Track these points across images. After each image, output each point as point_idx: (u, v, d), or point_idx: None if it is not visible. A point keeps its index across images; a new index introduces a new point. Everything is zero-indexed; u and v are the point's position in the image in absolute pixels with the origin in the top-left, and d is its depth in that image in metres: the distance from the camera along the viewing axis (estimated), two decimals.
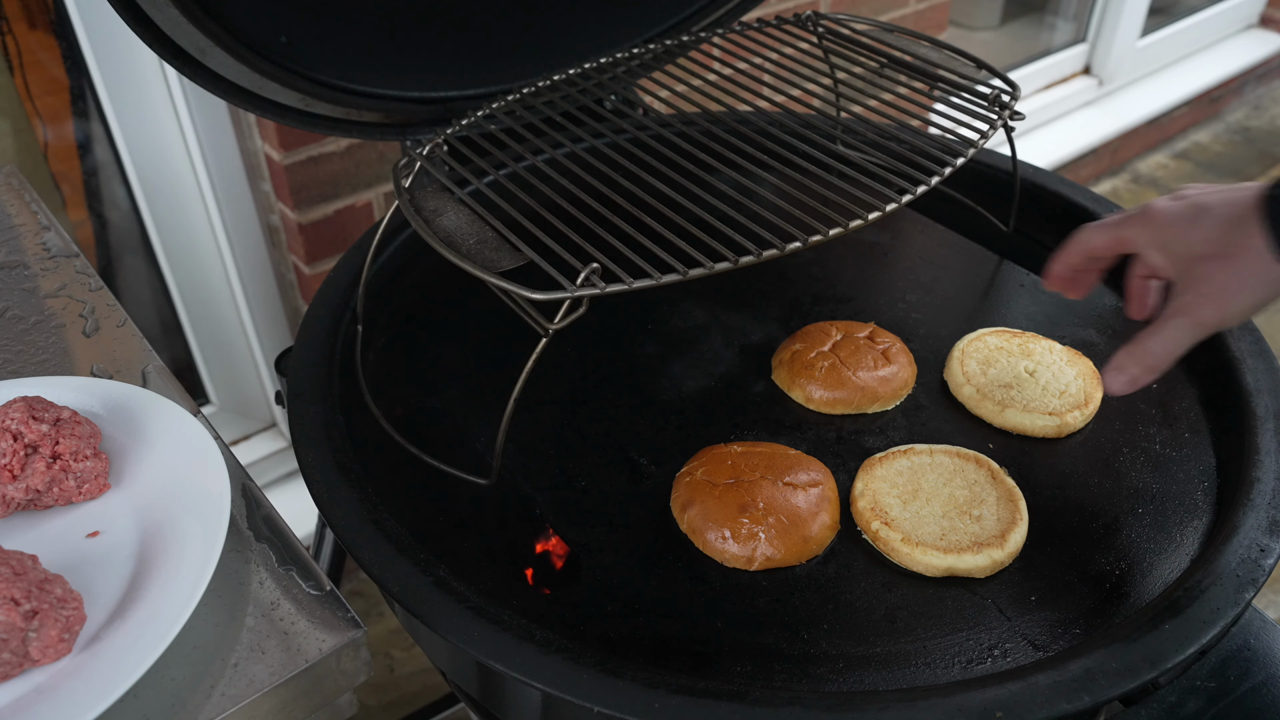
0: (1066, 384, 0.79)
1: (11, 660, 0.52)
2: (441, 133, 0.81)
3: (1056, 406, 0.77)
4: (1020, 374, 0.80)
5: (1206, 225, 0.65)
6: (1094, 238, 0.72)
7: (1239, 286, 0.64)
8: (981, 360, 0.82)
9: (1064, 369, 0.81)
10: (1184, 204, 0.67)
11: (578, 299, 0.62)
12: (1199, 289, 0.65)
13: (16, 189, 0.97)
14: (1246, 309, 0.65)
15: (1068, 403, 0.78)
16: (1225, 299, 0.64)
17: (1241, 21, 2.99)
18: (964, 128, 0.76)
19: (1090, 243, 0.72)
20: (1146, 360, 0.67)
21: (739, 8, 1.09)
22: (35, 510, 0.63)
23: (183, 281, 1.44)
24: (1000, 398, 0.78)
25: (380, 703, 1.54)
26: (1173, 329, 0.66)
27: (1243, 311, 0.65)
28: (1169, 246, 0.67)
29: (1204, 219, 0.65)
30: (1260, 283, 0.63)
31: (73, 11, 1.18)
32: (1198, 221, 0.66)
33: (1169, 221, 0.67)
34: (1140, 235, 0.69)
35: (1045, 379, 0.80)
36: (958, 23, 2.69)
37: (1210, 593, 0.60)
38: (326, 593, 0.60)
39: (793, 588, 0.66)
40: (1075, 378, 0.80)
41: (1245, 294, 0.64)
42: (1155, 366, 0.67)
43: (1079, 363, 0.82)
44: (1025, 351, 0.82)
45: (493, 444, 0.69)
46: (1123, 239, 0.70)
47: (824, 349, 0.82)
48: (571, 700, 0.55)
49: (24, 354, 0.78)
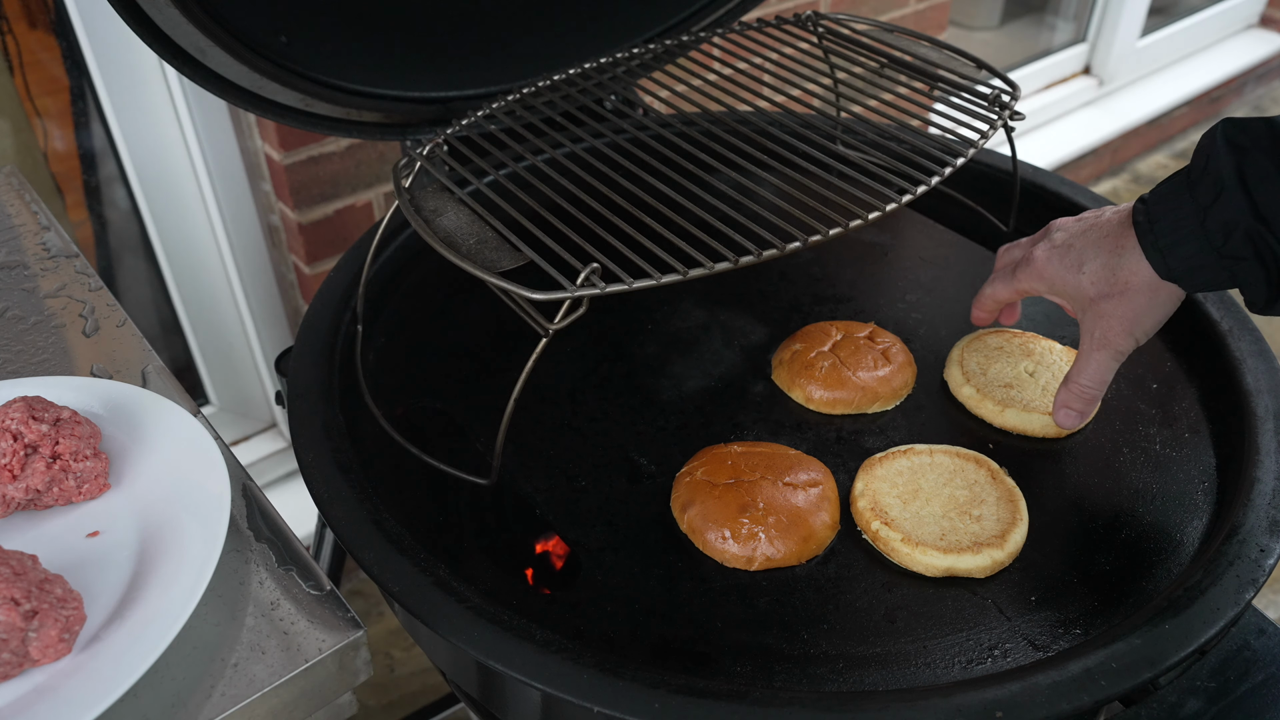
0: None
1: (11, 660, 0.52)
2: (441, 133, 0.81)
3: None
4: (1020, 374, 0.80)
5: (1090, 270, 0.69)
6: (999, 292, 0.78)
7: (1140, 314, 0.68)
8: (981, 360, 0.82)
9: (1064, 369, 0.81)
10: (1059, 250, 0.71)
11: (578, 299, 0.62)
12: (1106, 324, 0.69)
13: (16, 189, 0.97)
14: (1154, 326, 0.69)
15: None
16: (1134, 327, 0.69)
17: (1241, 21, 2.99)
18: (964, 128, 0.76)
19: (998, 296, 0.78)
20: (1086, 395, 0.73)
21: (739, 8, 1.09)
22: (35, 510, 0.63)
23: (183, 281, 1.44)
24: (1000, 398, 0.78)
25: (380, 703, 1.54)
26: (1098, 362, 0.71)
27: (1153, 329, 0.69)
28: (1063, 293, 0.72)
29: (1086, 263, 0.69)
30: (1157, 304, 0.68)
31: (73, 11, 1.18)
32: (1080, 268, 0.69)
33: (1053, 272, 0.71)
34: (1038, 285, 0.74)
35: (1045, 379, 0.80)
36: (958, 23, 2.69)
37: (1210, 593, 0.60)
38: (326, 593, 0.60)
39: (793, 588, 0.66)
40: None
41: (1149, 317, 0.68)
42: (1095, 397, 0.73)
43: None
44: (1025, 351, 0.82)
45: (493, 444, 0.69)
46: (1024, 290, 0.75)
47: (824, 349, 0.82)
48: (571, 700, 0.55)
49: (24, 354, 0.78)
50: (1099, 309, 0.69)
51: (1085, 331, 0.71)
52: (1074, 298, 0.70)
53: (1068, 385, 0.73)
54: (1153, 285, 0.66)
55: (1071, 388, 0.73)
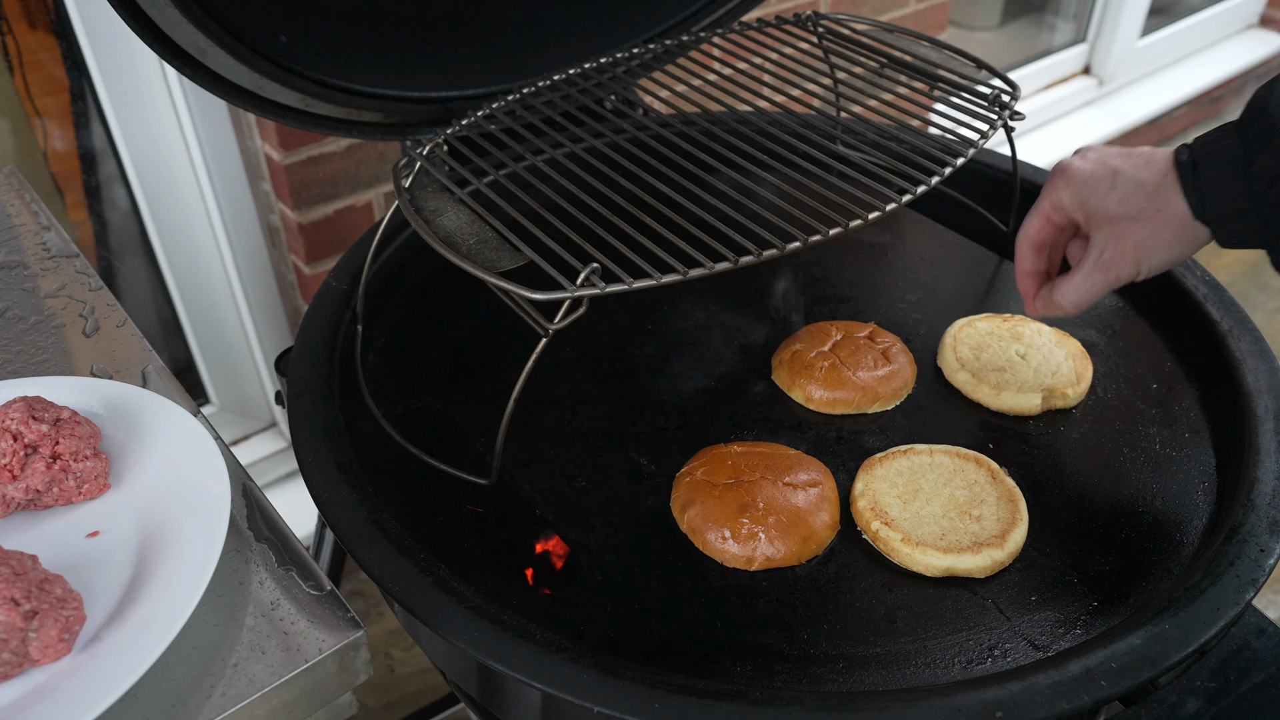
0: (1058, 364, 0.81)
1: (11, 660, 0.52)
2: (441, 133, 0.81)
3: (1050, 385, 0.79)
4: (1012, 357, 0.81)
5: (1122, 189, 0.67)
6: (1030, 228, 0.74)
7: (1157, 245, 0.67)
8: (973, 346, 0.83)
9: (1054, 350, 0.82)
10: (1095, 164, 0.69)
11: (578, 299, 0.62)
12: (1117, 246, 0.68)
13: (16, 189, 0.97)
14: (1163, 264, 0.68)
15: (1061, 381, 0.79)
16: (1143, 256, 0.67)
17: (1241, 21, 2.99)
18: (964, 128, 0.76)
19: (1030, 235, 0.74)
20: (1063, 307, 0.72)
21: (739, 8, 1.09)
22: (35, 510, 0.63)
23: (183, 281, 1.44)
24: (995, 381, 0.79)
25: (380, 703, 1.54)
26: (1093, 283, 0.70)
27: (1159, 266, 0.68)
28: (1086, 204, 0.69)
29: (1119, 182, 0.67)
30: (1179, 241, 0.66)
31: (73, 11, 1.18)
32: (1113, 184, 0.68)
33: (1084, 179, 0.69)
34: (1064, 194, 0.71)
35: (1037, 361, 0.81)
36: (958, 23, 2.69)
37: (1210, 593, 0.60)
38: (326, 593, 0.60)
39: (793, 588, 0.66)
40: (1065, 358, 0.81)
41: (1163, 252, 0.67)
42: (1069, 312, 0.72)
43: (1068, 343, 0.83)
44: (1015, 335, 0.84)
45: (493, 444, 0.69)
46: (1054, 205, 0.72)
47: (824, 349, 0.82)
48: (571, 700, 0.55)
49: (24, 354, 0.78)
50: (1118, 229, 0.67)
51: (1094, 249, 0.69)
52: (1096, 212, 0.68)
53: (1054, 295, 0.73)
54: (1182, 222, 0.65)
55: (1056, 298, 0.72)
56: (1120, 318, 0.89)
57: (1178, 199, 0.65)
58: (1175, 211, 0.65)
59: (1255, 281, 2.34)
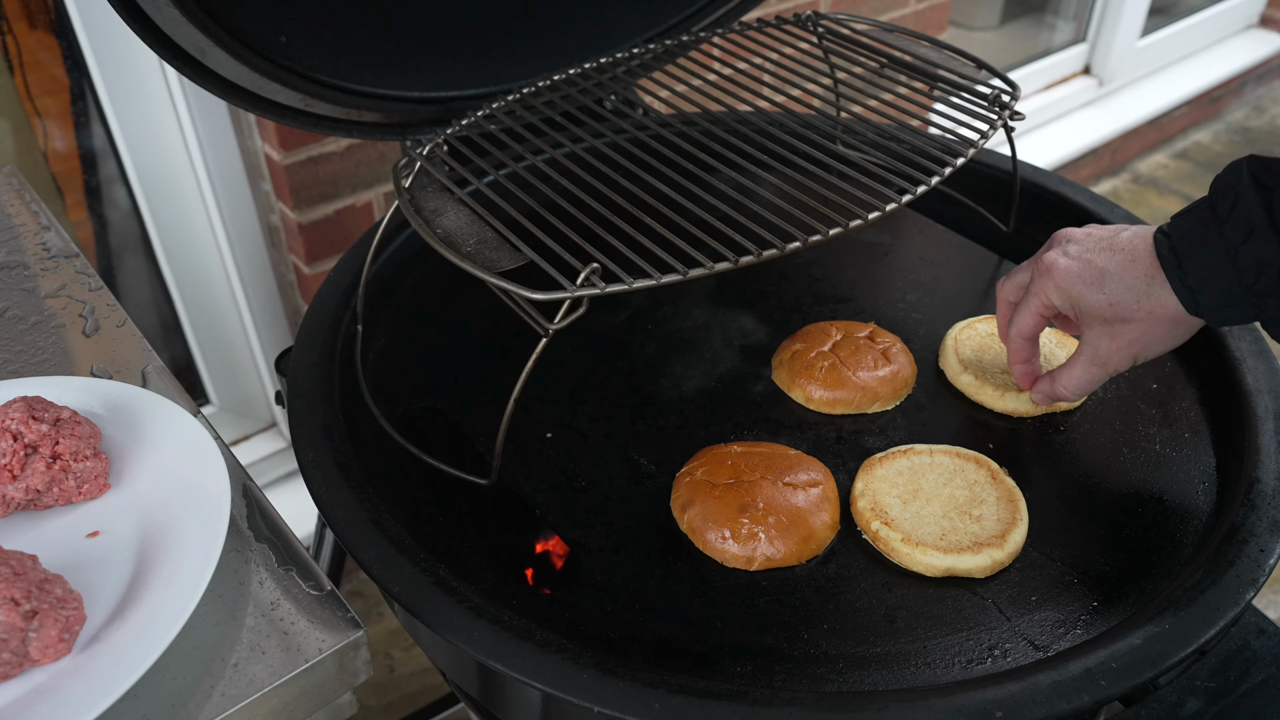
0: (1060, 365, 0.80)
1: (11, 660, 0.52)
2: (441, 133, 0.81)
3: None
4: None
5: (1111, 291, 0.68)
6: (1024, 323, 0.74)
7: (1151, 341, 0.68)
8: (975, 348, 0.83)
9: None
10: (1081, 265, 0.69)
11: (578, 299, 0.62)
12: (1111, 345, 0.69)
13: (16, 189, 0.97)
14: (1159, 354, 0.70)
15: None
16: (1139, 351, 0.69)
17: (1241, 21, 2.99)
18: (964, 128, 0.76)
19: (1024, 330, 0.74)
20: (1063, 395, 0.74)
21: (739, 8, 1.09)
22: (35, 510, 0.63)
23: (183, 281, 1.44)
24: (999, 383, 0.80)
25: (380, 703, 1.54)
26: (1090, 376, 0.71)
27: (1154, 355, 0.70)
28: (1077, 304, 0.70)
29: (1108, 285, 0.68)
30: (1174, 336, 0.68)
31: (73, 11, 1.18)
32: (1102, 287, 0.68)
33: (1072, 280, 0.69)
34: (1054, 297, 0.71)
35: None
36: (958, 23, 2.69)
37: (1210, 593, 0.60)
38: (326, 593, 0.60)
39: (793, 588, 0.66)
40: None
41: (1159, 345, 0.69)
42: (1068, 399, 0.74)
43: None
44: None
45: (493, 444, 0.69)
46: (1044, 305, 0.72)
47: (824, 349, 0.82)
48: (571, 700, 0.55)
49: (24, 354, 0.78)
50: (1112, 329, 0.69)
51: (1088, 345, 0.70)
52: (1087, 313, 0.69)
53: (1052, 383, 0.74)
54: (1175, 318, 0.66)
55: (1056, 388, 0.74)
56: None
57: (1169, 297, 0.65)
58: (1168, 310, 0.66)
59: None
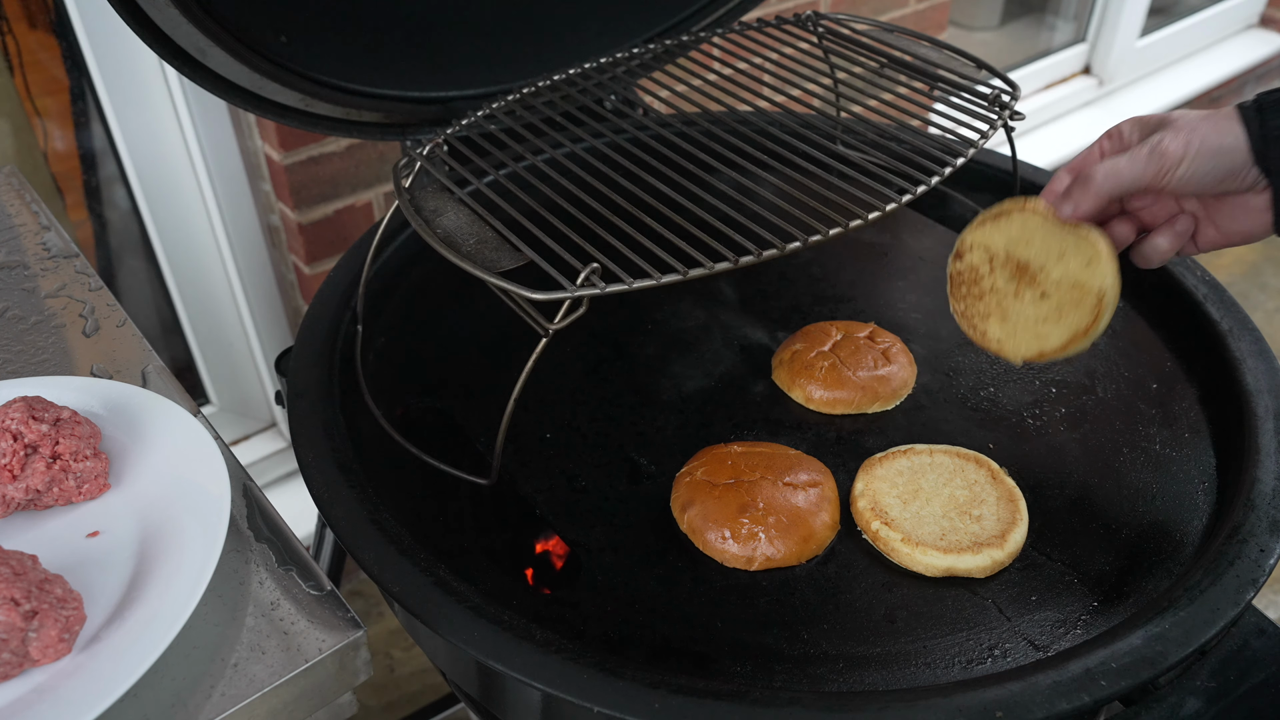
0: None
1: (11, 660, 0.52)
2: (441, 133, 0.81)
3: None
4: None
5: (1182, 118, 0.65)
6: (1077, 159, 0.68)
7: (1203, 148, 0.63)
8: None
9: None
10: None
11: (578, 299, 0.62)
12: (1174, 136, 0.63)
13: (17, 189, 0.97)
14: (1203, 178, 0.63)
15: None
16: (1194, 144, 0.63)
17: (1241, 21, 2.99)
18: (964, 128, 0.76)
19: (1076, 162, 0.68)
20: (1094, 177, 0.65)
21: (739, 8, 1.09)
22: (35, 510, 0.63)
23: (183, 281, 1.44)
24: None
25: (380, 703, 1.54)
26: (1135, 160, 0.64)
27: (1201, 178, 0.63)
28: (1147, 124, 0.66)
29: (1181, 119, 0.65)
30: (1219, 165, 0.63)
31: (73, 11, 1.18)
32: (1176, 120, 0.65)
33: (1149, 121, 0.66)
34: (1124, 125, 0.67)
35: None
36: (958, 23, 2.69)
37: (1210, 593, 0.60)
38: (326, 593, 0.60)
39: (793, 588, 0.66)
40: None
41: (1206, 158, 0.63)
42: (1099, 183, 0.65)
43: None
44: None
45: (493, 444, 0.69)
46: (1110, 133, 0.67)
47: (824, 349, 0.82)
48: (571, 700, 0.55)
49: (24, 354, 0.78)
50: (1173, 128, 0.64)
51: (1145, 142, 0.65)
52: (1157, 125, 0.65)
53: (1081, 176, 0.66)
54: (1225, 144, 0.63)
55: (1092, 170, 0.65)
56: (1120, 318, 0.89)
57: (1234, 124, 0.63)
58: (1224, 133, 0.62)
59: (1255, 281, 2.34)
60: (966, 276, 0.72)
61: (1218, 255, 2.38)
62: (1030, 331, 0.69)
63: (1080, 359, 0.84)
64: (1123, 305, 0.90)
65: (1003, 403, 0.81)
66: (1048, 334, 0.69)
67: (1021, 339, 0.70)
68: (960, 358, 0.85)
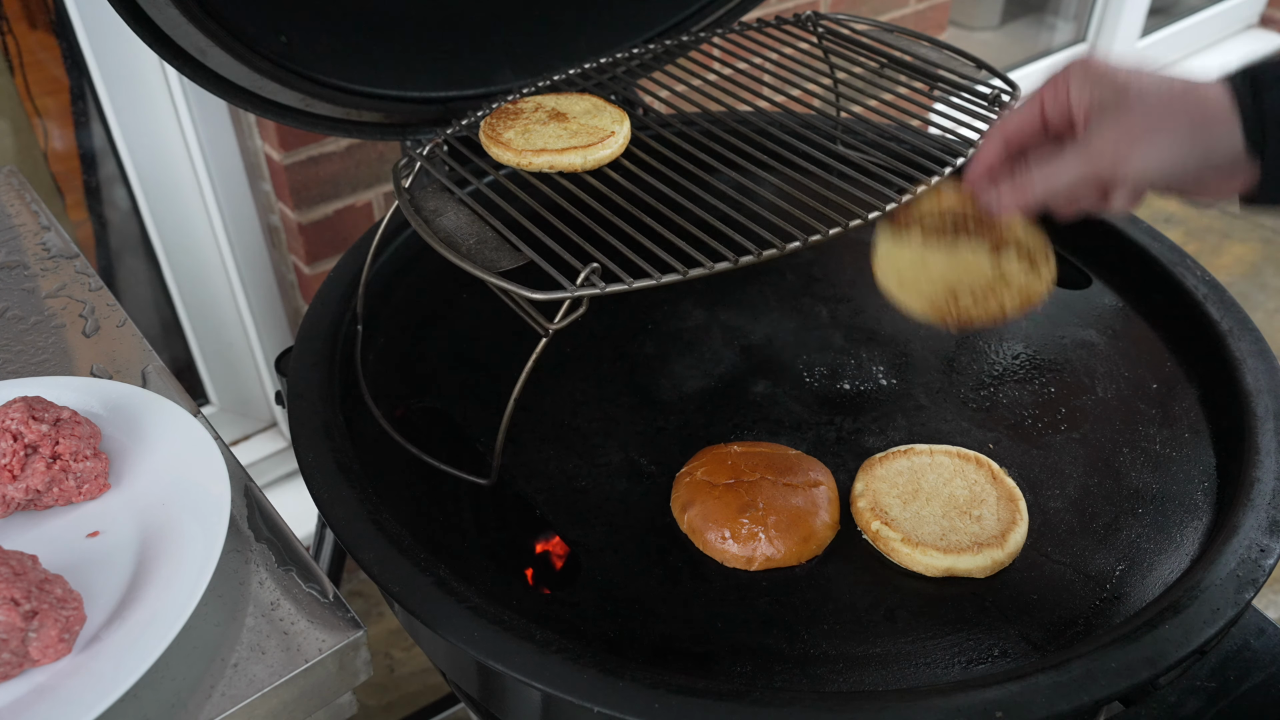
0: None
1: (11, 660, 0.52)
2: (441, 133, 0.81)
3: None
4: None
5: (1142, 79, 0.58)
6: (1011, 120, 0.62)
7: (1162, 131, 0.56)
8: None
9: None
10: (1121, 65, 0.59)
11: (577, 299, 0.62)
12: (1114, 129, 0.57)
13: (17, 189, 0.97)
14: (1160, 164, 0.57)
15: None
16: (1139, 143, 0.57)
17: (1241, 21, 2.99)
18: (964, 128, 0.76)
19: (1010, 124, 0.63)
20: (1031, 185, 0.61)
21: (739, 8, 1.09)
22: (35, 510, 0.63)
23: (183, 281, 1.44)
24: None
25: (380, 703, 1.54)
26: (1065, 164, 0.59)
27: (1157, 167, 0.57)
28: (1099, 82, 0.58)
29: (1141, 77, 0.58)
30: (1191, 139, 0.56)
31: (73, 11, 1.18)
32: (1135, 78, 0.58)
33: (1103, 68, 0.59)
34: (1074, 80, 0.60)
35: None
36: (958, 23, 2.69)
37: (1210, 593, 0.60)
38: (326, 593, 0.60)
39: (793, 588, 0.66)
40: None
41: (1166, 144, 0.56)
42: (1035, 192, 0.61)
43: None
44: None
45: (493, 444, 0.69)
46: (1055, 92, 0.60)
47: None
48: (571, 700, 0.55)
49: (24, 354, 0.78)
50: (1119, 113, 0.57)
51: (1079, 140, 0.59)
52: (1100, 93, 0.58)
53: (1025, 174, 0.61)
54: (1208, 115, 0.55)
55: (1025, 177, 0.61)
56: (1120, 318, 0.89)
57: (1216, 91, 0.55)
58: (1208, 103, 0.55)
59: (1255, 281, 2.34)
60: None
61: (1218, 255, 2.38)
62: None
63: (1080, 359, 0.84)
64: (1123, 306, 0.90)
65: (1003, 403, 0.81)
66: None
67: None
68: (960, 358, 0.85)
